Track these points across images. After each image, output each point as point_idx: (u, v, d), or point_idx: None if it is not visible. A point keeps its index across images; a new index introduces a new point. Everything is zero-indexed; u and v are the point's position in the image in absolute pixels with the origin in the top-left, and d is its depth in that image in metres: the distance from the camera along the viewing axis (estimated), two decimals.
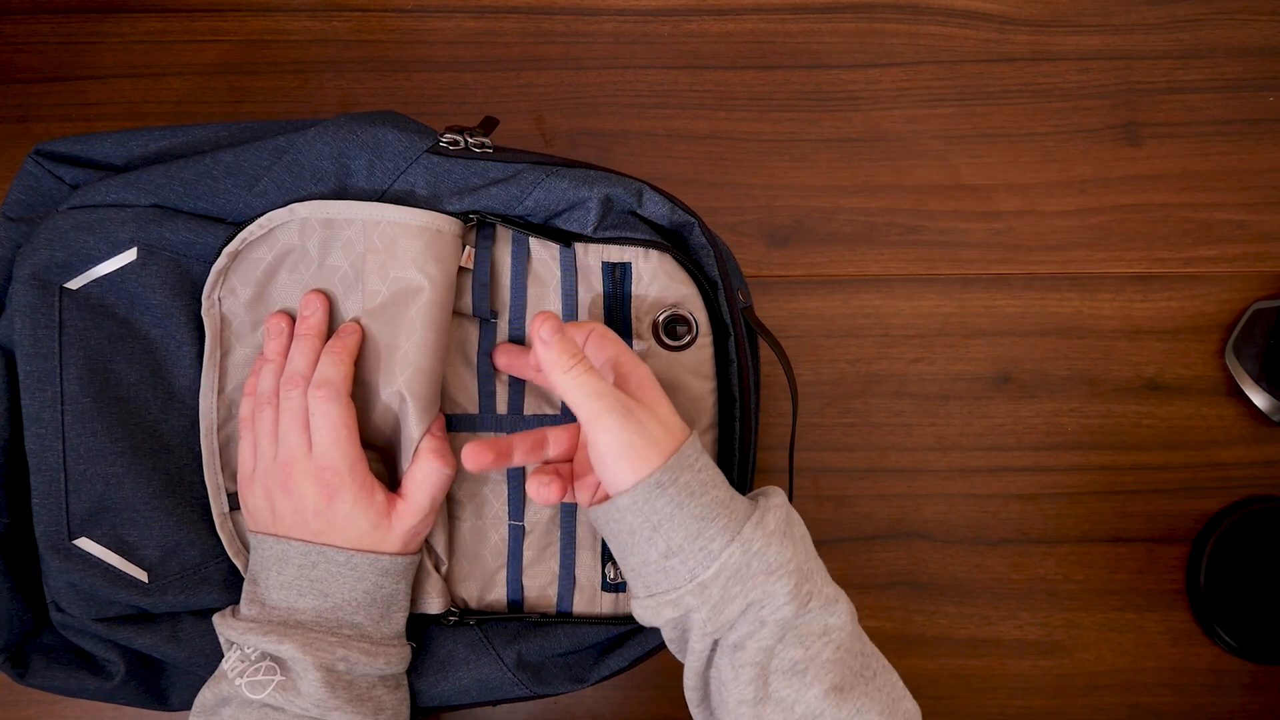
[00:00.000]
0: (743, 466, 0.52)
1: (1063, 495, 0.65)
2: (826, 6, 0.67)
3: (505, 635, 0.51)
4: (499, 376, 0.52)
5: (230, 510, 0.51)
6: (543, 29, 0.66)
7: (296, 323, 0.49)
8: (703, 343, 0.52)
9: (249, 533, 0.49)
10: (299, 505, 0.47)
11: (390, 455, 0.50)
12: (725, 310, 0.51)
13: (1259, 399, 0.64)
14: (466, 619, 0.51)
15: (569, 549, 0.52)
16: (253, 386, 0.50)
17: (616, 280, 0.51)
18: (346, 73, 0.66)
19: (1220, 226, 0.66)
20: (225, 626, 0.47)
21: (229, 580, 0.50)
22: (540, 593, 0.53)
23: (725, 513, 0.44)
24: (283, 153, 0.49)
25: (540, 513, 0.52)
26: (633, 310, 0.51)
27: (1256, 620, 0.64)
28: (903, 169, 0.66)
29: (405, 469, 0.48)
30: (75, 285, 0.48)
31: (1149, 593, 0.65)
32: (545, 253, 0.51)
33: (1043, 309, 0.66)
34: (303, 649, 0.45)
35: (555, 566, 0.53)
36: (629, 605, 0.50)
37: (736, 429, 0.52)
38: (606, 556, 0.53)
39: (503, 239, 0.51)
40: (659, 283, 0.51)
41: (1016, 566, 0.65)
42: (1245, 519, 0.64)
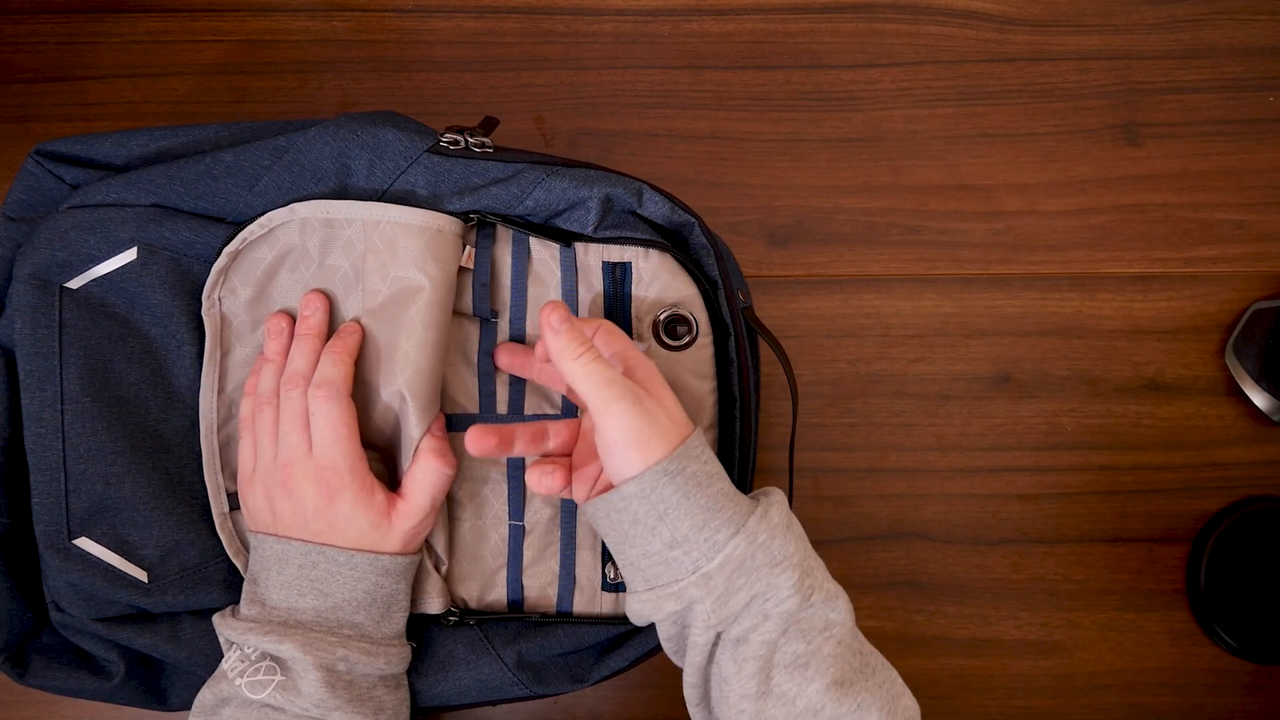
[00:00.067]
0: (743, 466, 0.52)
1: (1063, 495, 0.65)
2: (826, 6, 0.67)
3: (505, 635, 0.51)
4: (499, 376, 0.52)
5: (230, 510, 0.51)
6: (543, 29, 0.66)
7: (297, 322, 0.49)
8: (703, 343, 0.52)
9: (249, 533, 0.49)
10: (299, 505, 0.47)
11: (390, 455, 0.50)
12: (725, 310, 0.51)
13: (1259, 399, 0.64)
14: (466, 619, 0.51)
15: (569, 549, 0.52)
16: (253, 386, 0.50)
17: (617, 280, 0.51)
18: (346, 73, 0.66)
19: (1220, 226, 0.66)
20: (225, 626, 0.47)
21: (229, 580, 0.50)
22: (540, 593, 0.53)
23: (730, 505, 0.44)
24: (283, 152, 0.49)
25: (540, 513, 0.52)
26: (633, 310, 0.51)
27: (1256, 620, 0.64)
28: (903, 169, 0.66)
29: (405, 469, 0.48)
30: (75, 285, 0.48)
31: (1149, 593, 0.65)
32: (545, 252, 0.51)
33: (1043, 309, 0.66)
34: (303, 649, 0.45)
35: (555, 566, 0.53)
36: None
37: (737, 429, 0.52)
38: (606, 556, 0.53)
39: (503, 239, 0.51)
40: (659, 283, 0.51)
41: (1016, 566, 0.65)
42: (1245, 519, 0.64)
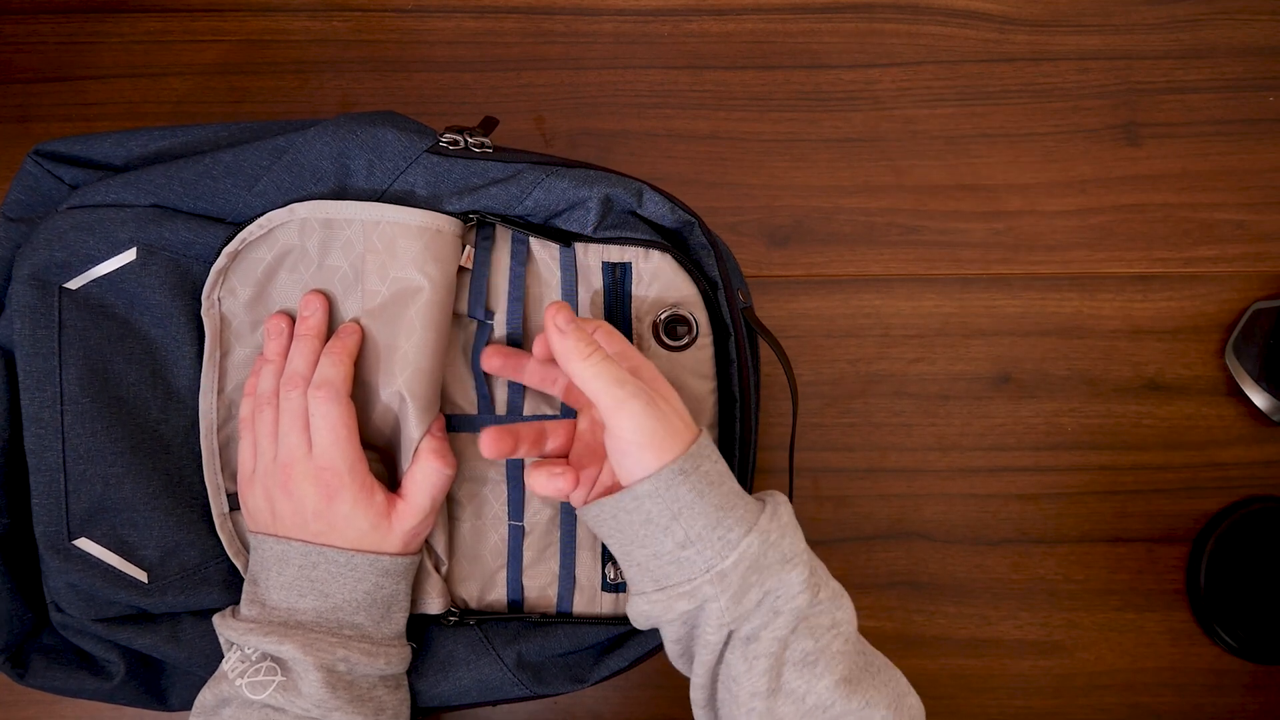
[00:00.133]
0: (743, 466, 0.52)
1: (1063, 495, 0.65)
2: (826, 6, 0.67)
3: (505, 635, 0.51)
4: (499, 376, 0.52)
5: (230, 510, 0.51)
6: (543, 29, 0.66)
7: (296, 323, 0.49)
8: (703, 343, 0.52)
9: (249, 533, 0.49)
10: (299, 506, 0.47)
11: (390, 455, 0.50)
12: (725, 310, 0.51)
13: (1259, 399, 0.64)
14: (466, 619, 0.51)
15: (569, 549, 0.52)
16: (252, 387, 0.49)
17: (617, 280, 0.51)
18: (346, 73, 0.66)
19: (1220, 226, 0.66)
20: (225, 627, 0.47)
21: (229, 581, 0.50)
22: (540, 593, 0.53)
23: (741, 504, 0.44)
24: (282, 152, 0.49)
25: (540, 513, 0.52)
26: (633, 310, 0.51)
27: (1256, 620, 0.64)
28: (903, 169, 0.66)
29: (405, 469, 0.48)
30: (75, 285, 0.48)
31: (1149, 593, 0.65)
32: (545, 253, 0.51)
33: (1043, 309, 0.66)
34: (303, 649, 0.45)
35: (555, 567, 0.53)
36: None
37: (737, 429, 0.52)
38: (606, 557, 0.53)
39: (503, 239, 0.51)
40: (659, 283, 0.51)
41: (1016, 566, 0.65)
42: (1245, 519, 0.64)
